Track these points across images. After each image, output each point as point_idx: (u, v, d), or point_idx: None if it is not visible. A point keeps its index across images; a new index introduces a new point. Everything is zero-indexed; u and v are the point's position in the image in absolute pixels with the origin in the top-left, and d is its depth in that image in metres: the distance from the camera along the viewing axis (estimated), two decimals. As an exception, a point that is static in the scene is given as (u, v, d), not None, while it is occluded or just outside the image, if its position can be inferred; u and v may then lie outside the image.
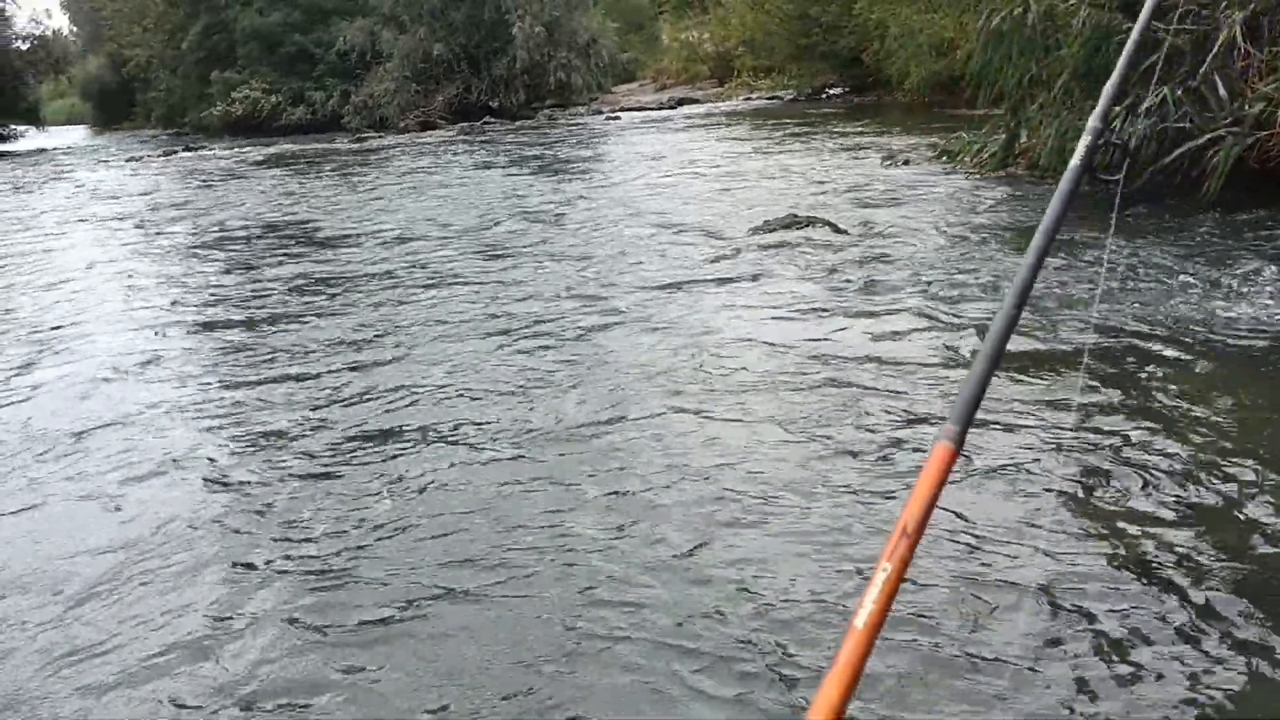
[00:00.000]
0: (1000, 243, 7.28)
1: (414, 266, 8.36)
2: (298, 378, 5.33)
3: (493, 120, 29.53)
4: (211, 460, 4.17)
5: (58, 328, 7.01)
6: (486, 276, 7.64)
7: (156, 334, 6.76)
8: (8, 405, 5.17)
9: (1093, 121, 1.38)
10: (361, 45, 33.74)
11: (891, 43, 22.59)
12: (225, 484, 3.92)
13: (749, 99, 30.89)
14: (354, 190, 15.12)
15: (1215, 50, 7.68)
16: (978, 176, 10.46)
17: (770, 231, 8.24)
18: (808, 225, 8.26)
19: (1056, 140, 8.86)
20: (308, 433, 4.43)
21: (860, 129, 17.60)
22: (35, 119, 49.47)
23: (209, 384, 5.38)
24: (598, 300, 6.53)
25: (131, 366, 5.85)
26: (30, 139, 46.20)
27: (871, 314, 5.61)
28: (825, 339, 5.20)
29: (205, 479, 3.97)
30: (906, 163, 12.01)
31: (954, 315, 5.43)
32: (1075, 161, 1.29)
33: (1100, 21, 8.47)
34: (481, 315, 6.39)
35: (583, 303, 6.51)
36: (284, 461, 4.11)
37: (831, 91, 29.23)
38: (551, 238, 9.23)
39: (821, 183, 11.17)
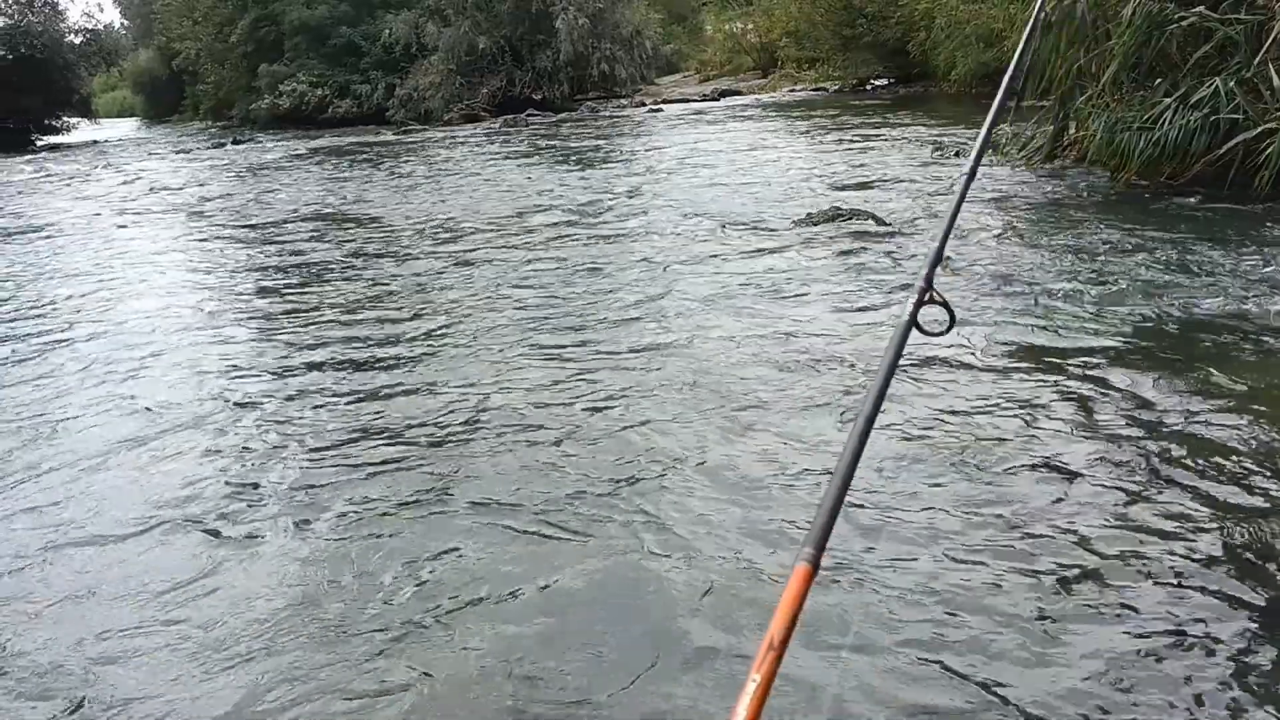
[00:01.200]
0: (1045, 237, 7.21)
1: (455, 257, 8.43)
2: (337, 365, 5.42)
3: (535, 113, 29.58)
4: (262, 426, 4.26)
5: (110, 307, 7.31)
6: (526, 266, 7.70)
7: (203, 315, 7.04)
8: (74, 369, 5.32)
9: (918, 281, 1.45)
10: (407, 38, 33.92)
11: (938, 33, 22.34)
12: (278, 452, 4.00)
13: (793, 90, 30.70)
14: (398, 183, 15.25)
15: (1271, 41, 7.54)
16: (1024, 169, 10.34)
17: (813, 224, 8.22)
18: (851, 218, 8.23)
19: (1105, 133, 8.75)
20: (347, 420, 4.51)
21: (905, 121, 17.45)
22: (87, 111, 50.28)
23: (251, 354, 5.49)
24: (635, 292, 6.55)
25: (180, 345, 6.15)
26: (82, 131, 46.99)
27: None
28: (866, 333, 5.18)
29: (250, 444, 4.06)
30: (955, 154, 11.90)
31: (995, 312, 5.39)
32: (904, 318, 1.37)
33: (1151, 10, 8.35)
34: (520, 304, 6.44)
35: (620, 293, 6.54)
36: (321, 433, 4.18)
37: (876, 83, 28.98)
38: (591, 229, 9.27)
39: (865, 175, 11.10)
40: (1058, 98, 9.87)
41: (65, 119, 47.13)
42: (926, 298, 1.42)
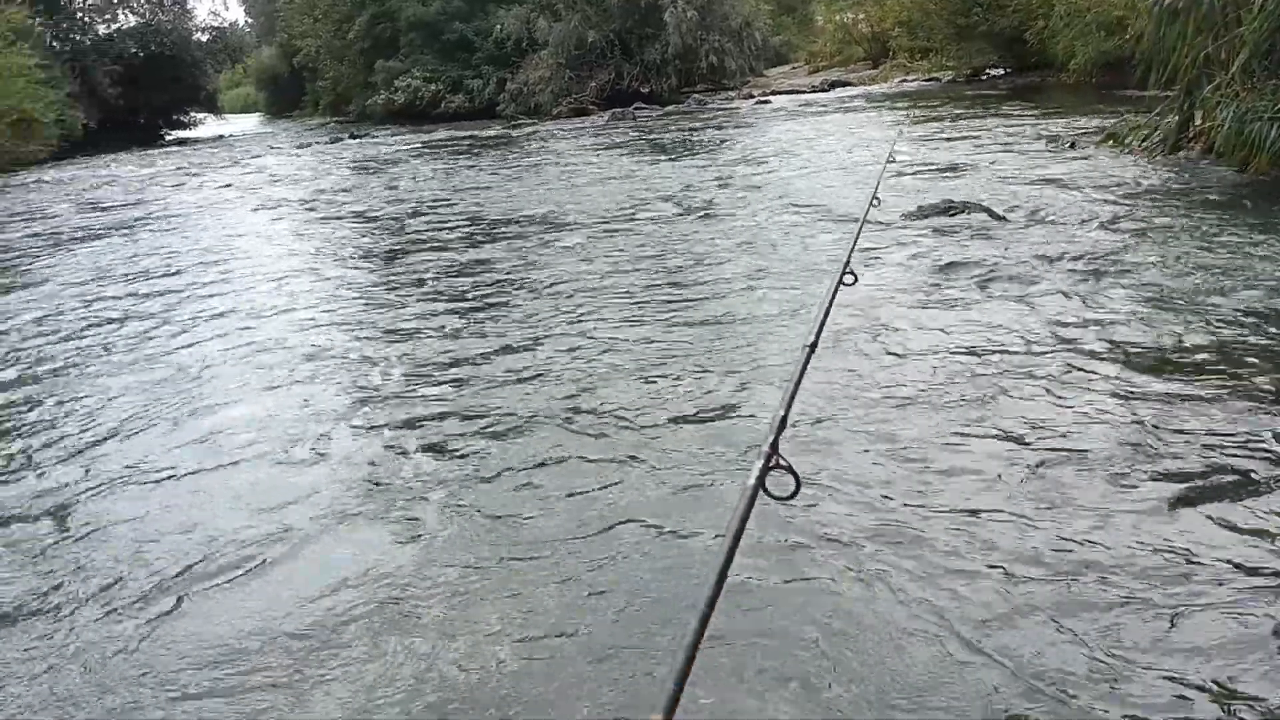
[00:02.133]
0: (1170, 233, 6.98)
1: (563, 249, 8.55)
2: (443, 356, 5.56)
3: (643, 106, 29.70)
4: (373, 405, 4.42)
5: (238, 293, 7.72)
6: (634, 258, 7.75)
7: (318, 295, 7.48)
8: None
9: (764, 447, 1.49)
10: (518, 33, 34.42)
11: (1057, 21, 21.73)
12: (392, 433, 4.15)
13: (905, 81, 30.19)
14: (507, 175, 15.50)
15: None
16: (1147, 161, 10.01)
17: (925, 217, 8.10)
18: (964, 211, 8.09)
19: (1234, 123, 8.42)
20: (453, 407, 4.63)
21: (1022, 111, 17.03)
22: (213, 107, 52.31)
23: (367, 335, 5.68)
24: (745, 284, 6.55)
25: (295, 319, 6.80)
26: (209, 126, 48.92)
27: (1027, 305, 5.47)
28: (976, 328, 5.10)
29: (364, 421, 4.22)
30: (1071, 146, 11.58)
31: (1113, 309, 5.25)
32: (750, 482, 1.38)
33: (1287, -4, 8.01)
34: (628, 295, 6.50)
35: (729, 286, 6.55)
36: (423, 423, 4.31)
37: (991, 73, 28.31)
38: (698, 222, 9.29)
39: (980, 167, 10.88)
40: (1183, 87, 9.54)
41: (192, 114, 49.12)
42: (772, 463, 1.46)
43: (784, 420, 1.60)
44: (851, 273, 2.79)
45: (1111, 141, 11.21)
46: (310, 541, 3.40)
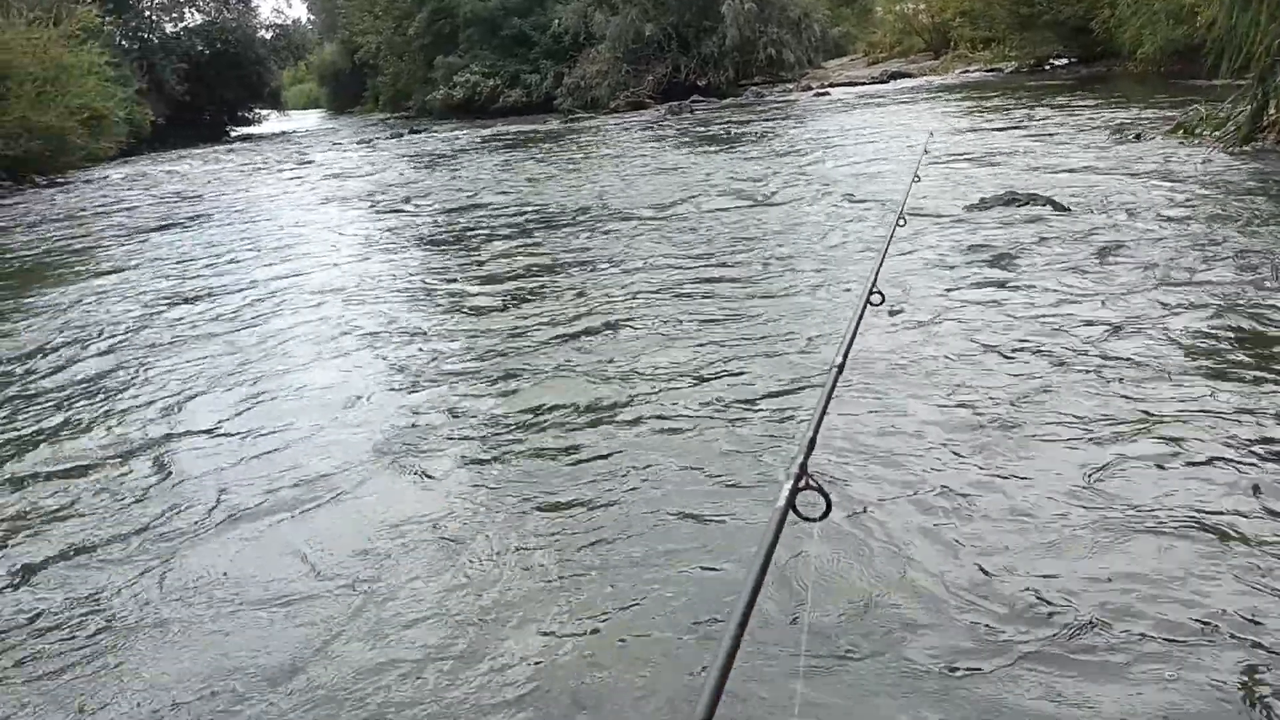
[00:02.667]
0: (1243, 224, 6.82)
1: (621, 241, 8.57)
2: (501, 345, 5.61)
3: (700, 99, 29.63)
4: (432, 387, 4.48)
5: (305, 275, 7.98)
6: (691, 250, 7.75)
7: (376, 283, 7.80)
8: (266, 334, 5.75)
9: (792, 467, 1.47)
10: (575, 27, 34.50)
11: (1124, 9, 21.29)
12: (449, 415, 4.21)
13: (966, 72, 29.81)
14: (563, 169, 15.57)
15: None
16: (1219, 151, 9.78)
17: (986, 209, 8.00)
18: (1027, 203, 7.97)
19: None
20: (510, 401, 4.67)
21: (1087, 102, 16.72)
22: (277, 103, 53.19)
23: (428, 321, 5.76)
24: (802, 275, 6.53)
25: (353, 303, 7.10)
26: (272, 122, 49.75)
27: (1092, 299, 5.38)
28: (1041, 321, 5.03)
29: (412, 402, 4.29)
30: (1138, 137, 11.35)
31: (1184, 304, 5.14)
32: (780, 504, 1.37)
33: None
34: (686, 287, 6.50)
35: (785, 279, 6.52)
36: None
37: (1055, 63, 27.83)
38: (756, 215, 9.26)
39: (1043, 159, 10.71)
40: (1257, 75, 9.31)
41: (256, 110, 49.95)
42: (803, 484, 1.45)
43: (813, 441, 1.59)
44: (879, 292, 2.74)
45: (1181, 132, 10.97)
46: (365, 481, 3.92)
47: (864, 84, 30.34)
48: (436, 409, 4.69)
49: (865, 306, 2.50)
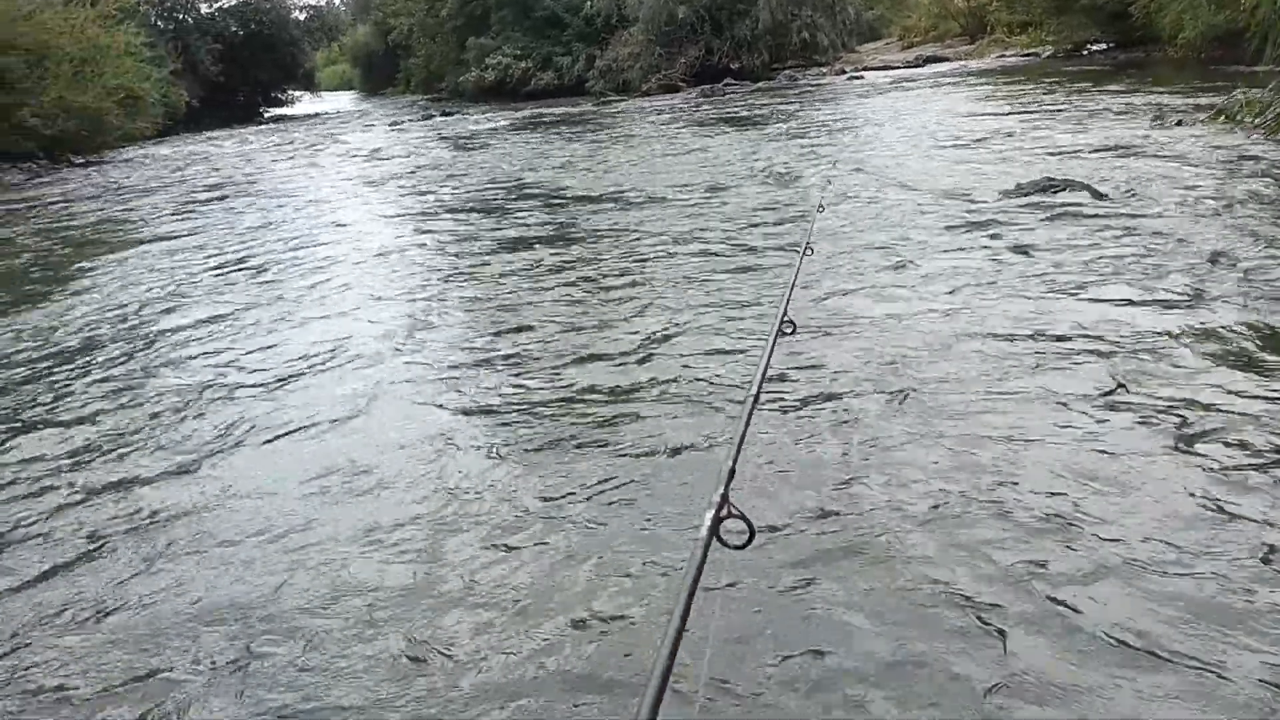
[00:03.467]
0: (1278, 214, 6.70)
1: (650, 224, 8.53)
2: (528, 321, 5.60)
3: (733, 82, 29.47)
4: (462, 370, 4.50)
5: (336, 245, 8.10)
6: (721, 233, 7.71)
7: (406, 262, 7.94)
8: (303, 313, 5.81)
9: (714, 496, 1.46)
10: (607, 10, 34.38)
11: (1164, -7, 20.95)
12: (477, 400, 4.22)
13: (1002, 56, 29.47)
14: (596, 152, 15.54)
15: None
16: (1261, 138, 9.61)
17: (1023, 195, 7.91)
18: (1064, 189, 7.87)
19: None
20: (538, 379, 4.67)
21: (1126, 88, 16.47)
22: (310, 84, 53.43)
23: (455, 311, 5.77)
24: (833, 262, 6.47)
25: (381, 281, 7.29)
26: (305, 104, 49.97)
27: (1131, 285, 5.30)
28: (1077, 309, 4.96)
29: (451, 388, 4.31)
30: (1178, 124, 11.17)
31: (1219, 292, 5.06)
32: (702, 533, 1.37)
33: None
34: (713, 270, 6.47)
35: (818, 264, 6.47)
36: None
37: (1093, 48, 27.44)
38: (785, 199, 9.20)
39: (1081, 145, 10.56)
40: (1302, 61, 9.13)
41: (290, 91, 50.19)
42: (725, 511, 1.44)
43: (733, 470, 1.57)
44: (790, 322, 2.63)
45: (1223, 118, 10.78)
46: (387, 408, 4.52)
47: (898, 68, 30.06)
48: (444, 353, 5.35)
49: (776, 338, 2.44)
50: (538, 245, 8.30)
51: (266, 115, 44.89)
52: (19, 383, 5.63)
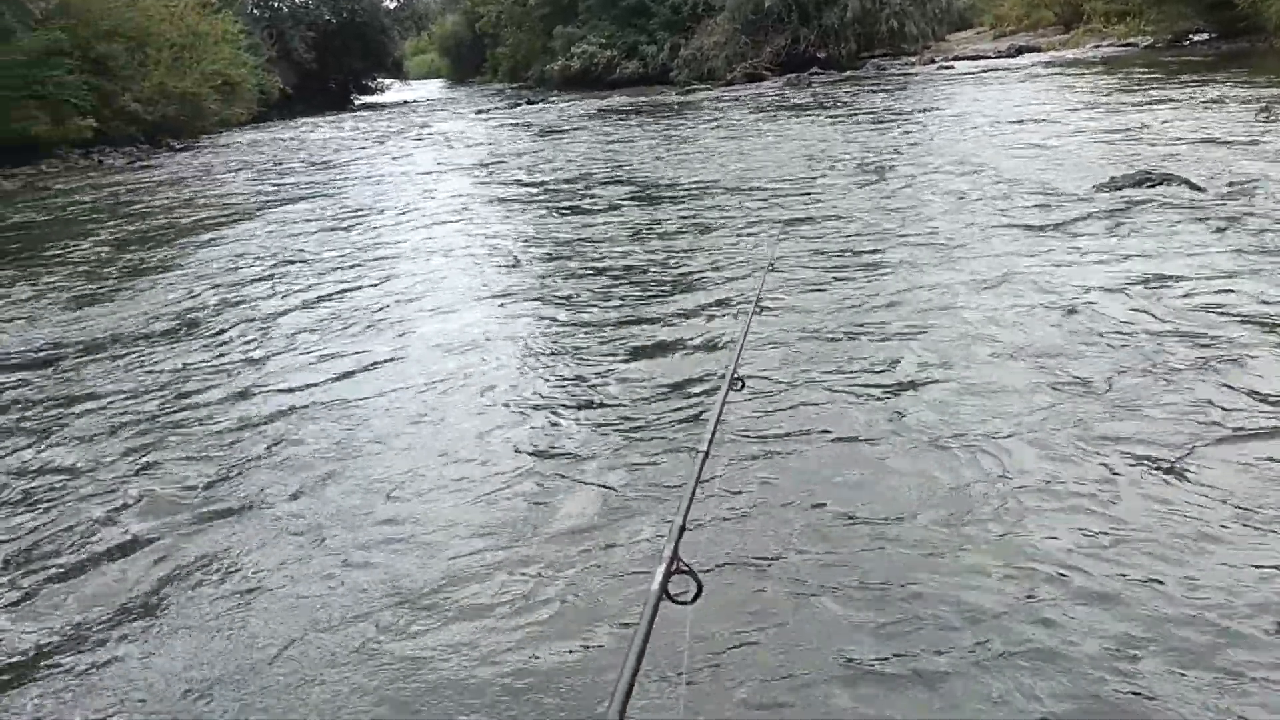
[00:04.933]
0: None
1: (736, 213, 8.52)
2: (611, 312, 5.63)
3: (819, 71, 29.15)
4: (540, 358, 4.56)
5: (424, 231, 8.66)
6: (810, 224, 7.66)
7: (489, 246, 8.30)
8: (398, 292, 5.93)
9: (665, 551, 1.45)
10: (694, -2, 34.29)
11: (1272, -18, 20.18)
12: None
13: (1098, 46, 28.64)
14: (681, 140, 15.52)
15: None
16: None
17: (1118, 189, 7.71)
18: (1161, 183, 7.65)
19: None
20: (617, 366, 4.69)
21: (1228, 79, 15.89)
22: (399, 72, 54.19)
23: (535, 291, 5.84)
24: (927, 254, 6.39)
25: (464, 263, 7.67)
26: (394, 91, 50.71)
27: (1231, 281, 5.15)
28: (1177, 306, 4.83)
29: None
30: (1284, 116, 10.78)
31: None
32: (654, 588, 1.38)
33: None
34: (805, 263, 6.43)
35: (907, 256, 6.40)
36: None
37: (1195, 38, 26.55)
38: (876, 189, 9.10)
39: (1179, 138, 10.24)
40: None
41: (379, 79, 50.99)
42: (674, 567, 1.44)
43: (683, 527, 1.56)
44: (740, 379, 2.49)
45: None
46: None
47: (989, 58, 29.41)
48: (521, 339, 5.40)
49: (727, 394, 2.31)
50: (615, 232, 8.34)
51: (357, 102, 45.66)
52: (126, 350, 5.88)
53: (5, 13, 19.09)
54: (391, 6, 51.24)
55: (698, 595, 1.46)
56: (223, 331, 6.31)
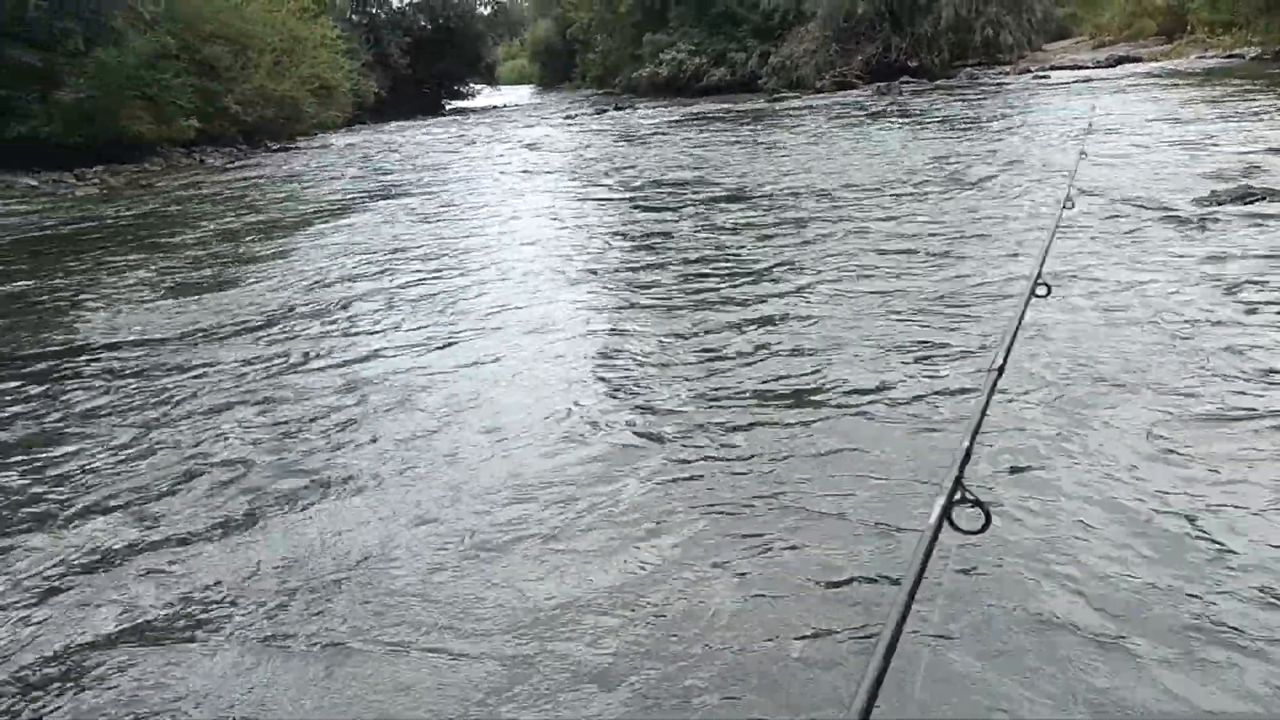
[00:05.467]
0: None
1: (816, 222, 8.45)
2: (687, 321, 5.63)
3: (910, 80, 28.79)
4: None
5: (507, 234, 9.11)
6: (893, 236, 7.58)
7: (568, 250, 8.41)
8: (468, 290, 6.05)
9: (946, 482, 1.38)
10: (785, 5, 34.11)
11: (1393, -9, 19.33)
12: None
13: (1202, 57, 27.77)
14: (769, 148, 15.45)
15: None
16: None
17: (1218, 204, 7.47)
18: (1264, 198, 7.39)
19: None
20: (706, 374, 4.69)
21: (1340, 91, 15.31)
22: (491, 78, 55.00)
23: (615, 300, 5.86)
24: (1008, 266, 6.27)
25: (545, 266, 7.72)
26: (485, 97, 51.45)
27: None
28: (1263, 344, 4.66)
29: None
30: (1398, 131, 10.33)
31: None
32: (933, 519, 1.30)
33: None
34: (884, 274, 6.36)
35: (989, 268, 6.28)
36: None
37: (1305, 49, 25.58)
38: (960, 203, 8.95)
39: (1284, 152, 9.88)
40: None
41: (471, 85, 51.79)
42: (959, 496, 1.37)
43: (969, 451, 1.49)
44: (1045, 284, 2.49)
45: None
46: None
47: (1087, 68, 28.73)
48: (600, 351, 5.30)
49: (1030, 299, 2.26)
50: (699, 240, 8.34)
51: (448, 107, 46.40)
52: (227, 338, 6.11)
53: (116, 16, 19.80)
54: (486, 12, 52.02)
55: (985, 525, 1.39)
56: (326, 313, 6.79)
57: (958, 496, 1.38)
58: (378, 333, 6.15)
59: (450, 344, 5.74)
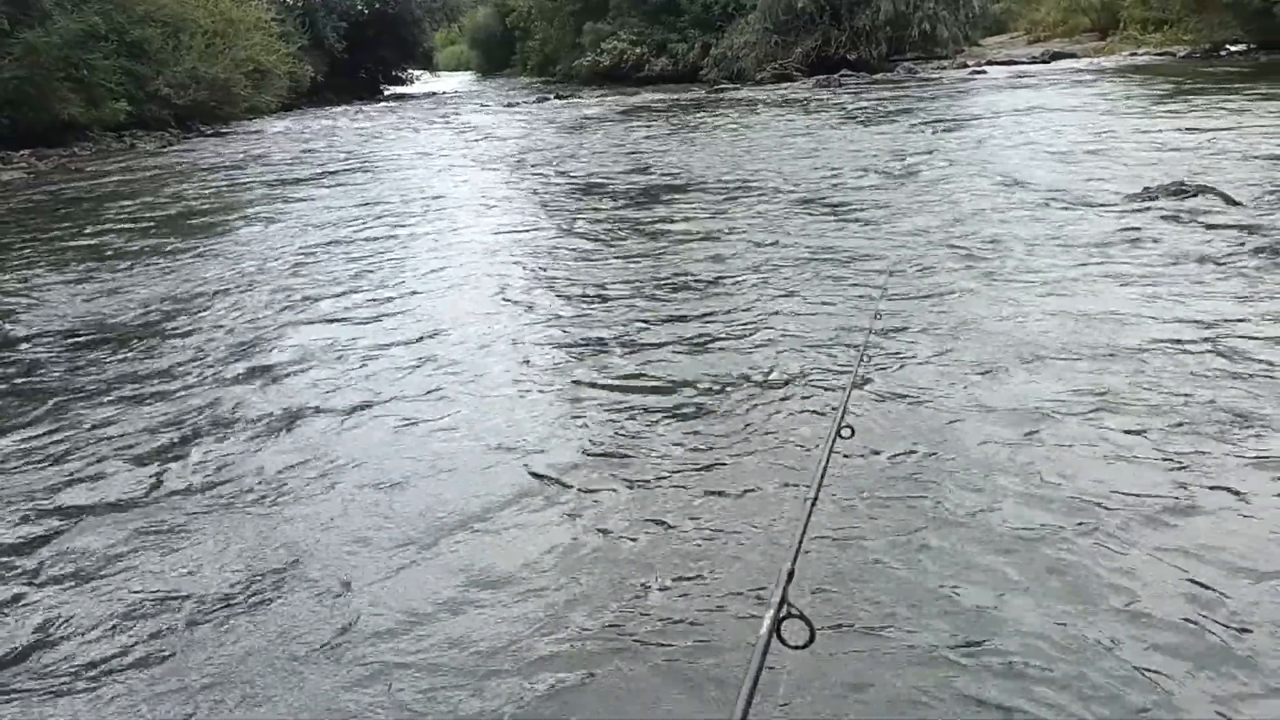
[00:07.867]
0: None
1: (753, 217, 8.48)
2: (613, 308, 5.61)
3: (849, 73, 28.99)
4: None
5: (444, 222, 8.49)
6: (828, 228, 7.62)
7: (509, 243, 8.15)
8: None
9: (772, 598, 1.38)
10: (725, -4, 34.21)
11: (1315, -8, 19.87)
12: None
13: (1134, 54, 28.35)
14: (707, 141, 15.48)
15: None
16: None
17: (1151, 200, 7.62)
18: (1196, 195, 7.55)
19: None
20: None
21: (1267, 91, 15.69)
22: (429, 64, 54.27)
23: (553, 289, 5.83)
24: (948, 263, 6.33)
25: (483, 261, 7.45)
26: (423, 83, 50.79)
27: (1266, 297, 5.07)
28: (1204, 322, 4.76)
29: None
30: (1323, 130, 10.62)
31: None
32: (762, 633, 1.31)
33: None
34: (820, 265, 6.39)
35: (928, 264, 6.34)
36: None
37: (1232, 48, 26.22)
38: (900, 196, 9.04)
39: (1215, 150, 10.09)
40: None
41: (409, 70, 51.09)
42: (784, 612, 1.37)
43: (791, 572, 1.46)
44: (849, 427, 2.31)
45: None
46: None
47: (1023, 63, 29.17)
48: (538, 322, 5.05)
49: (834, 441, 2.15)
50: (633, 229, 8.31)
51: (386, 92, 45.75)
52: (149, 325, 5.93)
53: (42, -5, 19.25)
54: (423, -2, 51.23)
55: (811, 639, 1.38)
56: (243, 308, 6.49)
57: (784, 615, 1.37)
58: (300, 324, 6.06)
59: (371, 327, 5.73)
